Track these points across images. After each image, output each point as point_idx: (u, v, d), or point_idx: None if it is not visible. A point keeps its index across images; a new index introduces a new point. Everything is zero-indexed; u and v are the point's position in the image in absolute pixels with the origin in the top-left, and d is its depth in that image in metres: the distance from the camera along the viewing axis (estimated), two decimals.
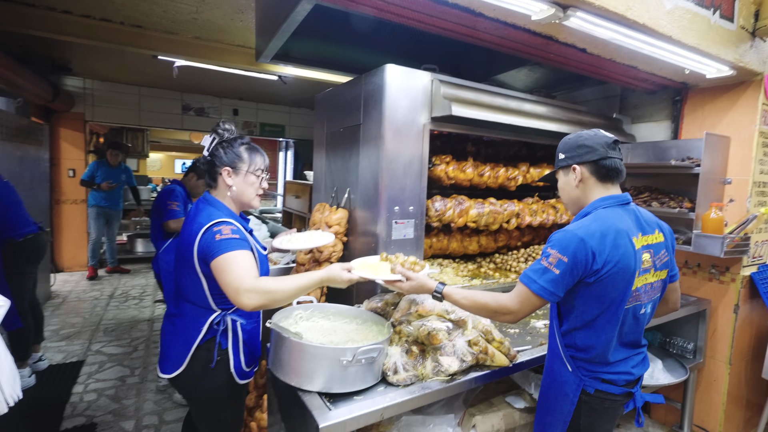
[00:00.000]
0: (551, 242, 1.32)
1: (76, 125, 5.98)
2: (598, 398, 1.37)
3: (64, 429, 2.56)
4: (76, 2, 3.23)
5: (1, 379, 1.14)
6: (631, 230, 1.33)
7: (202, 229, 1.44)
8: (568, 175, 1.45)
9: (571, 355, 1.40)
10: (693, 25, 1.96)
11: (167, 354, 1.54)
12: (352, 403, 1.33)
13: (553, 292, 1.28)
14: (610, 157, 1.36)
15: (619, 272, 1.28)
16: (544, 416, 1.48)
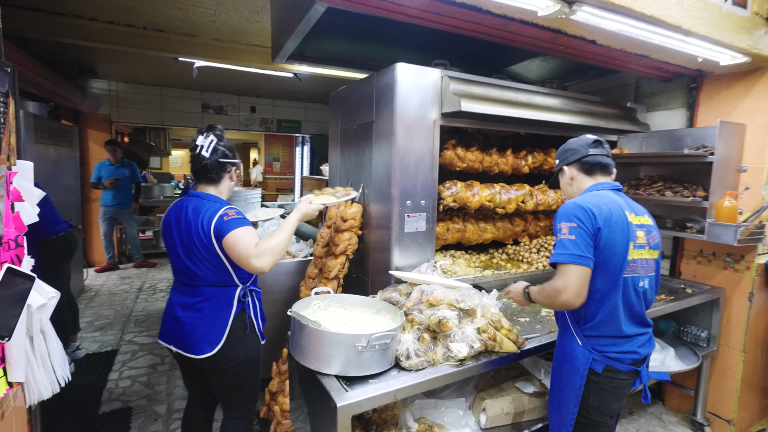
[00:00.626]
0: (557, 219, 1.50)
1: (103, 126, 6.23)
2: (606, 377, 1.47)
3: (102, 412, 2.75)
4: (102, 10, 3.38)
5: (53, 361, 1.28)
6: (624, 206, 1.52)
7: (214, 220, 1.62)
8: (563, 176, 1.71)
9: (581, 328, 1.51)
10: (704, 14, 1.96)
11: (202, 337, 1.68)
12: (367, 385, 1.42)
13: (580, 255, 1.39)
14: (590, 154, 1.60)
15: (616, 237, 1.43)
16: (558, 393, 1.57)
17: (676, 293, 2.51)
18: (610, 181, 1.62)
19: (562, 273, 1.42)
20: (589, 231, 1.41)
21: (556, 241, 1.46)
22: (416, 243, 2.18)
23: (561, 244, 1.43)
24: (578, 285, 1.39)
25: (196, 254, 1.67)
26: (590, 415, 1.51)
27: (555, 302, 1.46)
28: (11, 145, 1.05)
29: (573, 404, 1.51)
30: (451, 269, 2.41)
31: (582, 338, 1.50)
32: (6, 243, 1.03)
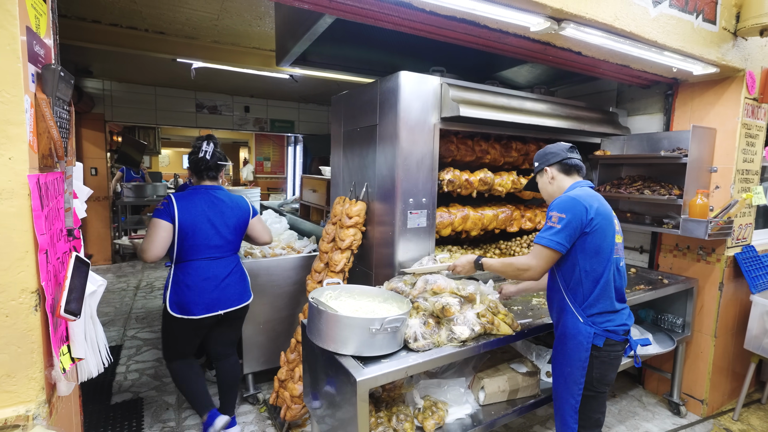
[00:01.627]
0: (552, 208, 1.71)
1: (97, 125, 6.25)
2: (605, 351, 1.70)
3: (114, 403, 2.86)
4: (105, 12, 3.46)
5: (99, 344, 1.41)
6: (603, 200, 1.76)
7: (250, 204, 2.44)
8: (543, 176, 1.91)
9: (582, 307, 1.71)
10: (677, 30, 2.17)
11: (244, 290, 2.39)
12: (380, 364, 1.59)
13: (558, 242, 1.64)
14: (569, 157, 1.83)
15: (606, 223, 1.67)
16: (564, 368, 1.76)
17: (654, 284, 2.73)
18: (586, 180, 1.86)
19: (536, 253, 1.68)
20: (577, 224, 1.64)
21: (545, 225, 1.70)
22: (418, 238, 2.34)
23: (547, 228, 1.68)
24: (544, 265, 1.68)
25: (239, 229, 2.35)
26: (594, 387, 1.72)
27: (520, 275, 1.74)
28: (73, 148, 1.18)
29: (579, 375, 1.71)
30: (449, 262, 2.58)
31: (584, 317, 1.71)
32: (73, 233, 1.16)
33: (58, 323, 1.08)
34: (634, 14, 1.97)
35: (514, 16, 1.78)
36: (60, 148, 1.03)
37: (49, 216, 1.03)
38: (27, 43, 0.94)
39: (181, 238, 2.14)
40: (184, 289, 2.15)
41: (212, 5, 3.25)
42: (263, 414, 2.77)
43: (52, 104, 1.01)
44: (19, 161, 0.91)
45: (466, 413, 1.91)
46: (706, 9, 2.29)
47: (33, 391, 0.97)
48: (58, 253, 1.12)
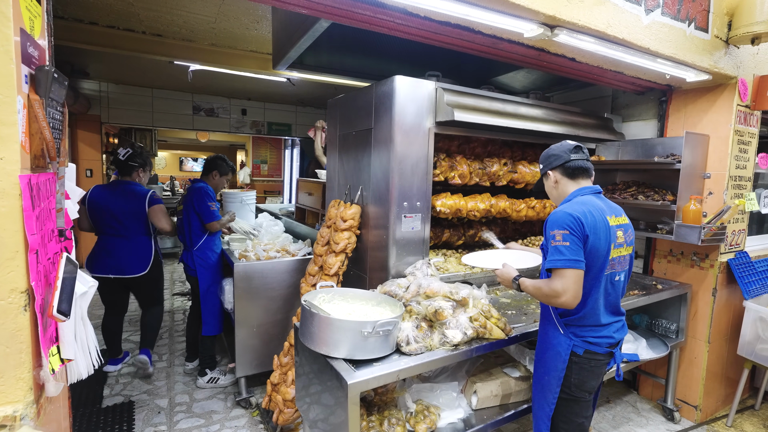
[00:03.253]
0: (548, 227, 1.63)
1: (93, 127, 6.23)
2: (586, 359, 1.67)
3: (105, 406, 2.84)
4: (102, 14, 3.46)
5: (90, 345, 1.40)
6: (605, 211, 1.68)
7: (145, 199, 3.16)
8: (547, 180, 1.83)
9: (565, 321, 1.69)
10: (669, 37, 2.19)
11: (140, 265, 3.16)
12: (372, 367, 1.58)
13: (576, 260, 1.53)
14: (572, 159, 1.73)
15: (600, 242, 1.59)
16: (542, 377, 1.75)
17: (648, 289, 2.74)
18: (591, 184, 1.77)
19: (561, 277, 1.53)
20: (580, 237, 1.55)
21: (551, 247, 1.58)
22: (412, 242, 2.35)
23: (557, 250, 1.55)
24: (576, 288, 1.53)
25: (135, 215, 3.17)
26: (572, 391, 1.70)
27: (552, 302, 1.58)
28: (65, 149, 1.18)
29: (555, 385, 1.70)
30: (444, 266, 2.59)
31: (563, 327, 1.69)
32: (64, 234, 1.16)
33: (47, 324, 1.08)
34: (627, 21, 2.00)
35: (507, 22, 1.79)
36: (52, 149, 1.03)
37: (40, 216, 1.03)
38: (21, 45, 0.94)
39: (91, 218, 3.10)
40: (91, 253, 3.12)
41: (209, 8, 3.27)
42: (255, 418, 2.76)
43: (45, 105, 1.01)
44: (10, 161, 0.91)
45: (459, 418, 1.91)
46: (698, 17, 2.32)
47: (21, 392, 0.97)
48: (49, 254, 1.12)
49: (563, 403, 1.71)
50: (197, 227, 3.08)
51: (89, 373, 1.43)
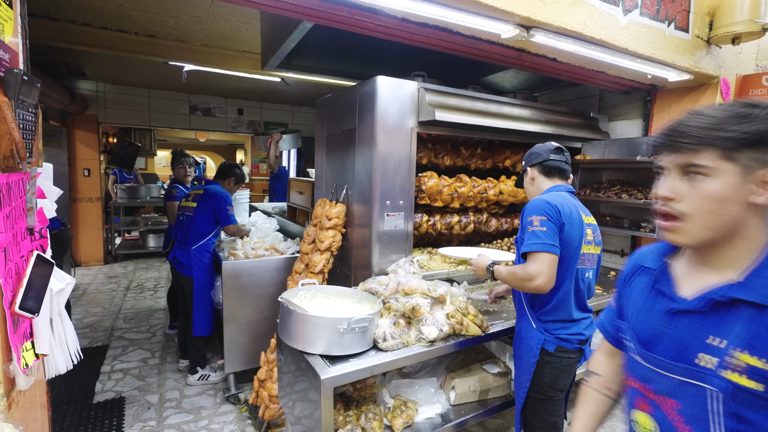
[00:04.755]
0: (526, 213, 1.66)
1: (90, 127, 6.28)
2: (557, 357, 1.69)
3: (96, 402, 2.88)
4: (94, 16, 3.50)
5: (68, 341, 1.44)
6: (577, 206, 1.74)
7: None
8: (525, 176, 1.90)
9: (538, 315, 1.72)
10: (648, 38, 2.21)
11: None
12: (347, 362, 1.62)
13: (552, 245, 1.56)
14: (551, 159, 1.79)
15: (574, 232, 1.64)
16: (517, 369, 1.79)
17: None
18: (567, 184, 1.83)
19: (536, 260, 1.55)
20: (557, 224, 1.59)
21: (527, 233, 1.61)
22: (395, 240, 2.38)
23: (534, 234, 1.58)
24: (550, 272, 1.55)
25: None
26: (544, 391, 1.71)
27: (526, 286, 1.59)
28: (39, 149, 1.22)
29: (525, 379, 1.73)
30: (428, 264, 2.62)
31: (536, 322, 1.72)
32: (35, 234, 1.19)
33: (20, 320, 1.11)
34: (604, 22, 2.02)
35: (483, 24, 1.82)
36: (22, 150, 1.07)
37: (10, 215, 1.06)
38: None
39: None
40: None
41: (200, 10, 3.30)
42: (244, 414, 2.80)
43: (14, 107, 1.04)
44: None
45: (436, 413, 1.94)
46: (678, 17, 2.33)
47: None
48: (22, 252, 1.15)
49: (536, 402, 1.73)
50: (203, 227, 3.10)
51: (68, 368, 1.46)
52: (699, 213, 0.78)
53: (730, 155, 0.75)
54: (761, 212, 0.77)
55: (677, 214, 0.80)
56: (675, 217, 0.81)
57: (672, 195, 0.81)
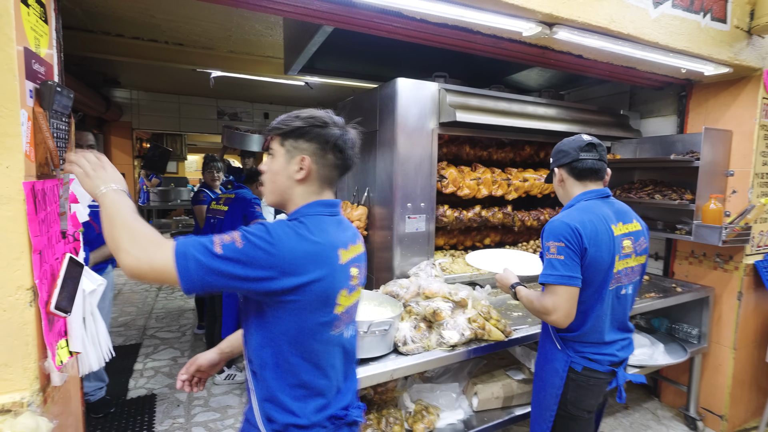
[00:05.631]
0: (545, 237, 1.52)
1: (125, 133, 6.57)
2: (584, 376, 1.54)
3: (129, 398, 2.99)
4: (127, 27, 3.66)
5: (101, 339, 1.50)
6: (610, 218, 1.53)
7: None
8: (554, 177, 1.69)
9: (561, 336, 1.58)
10: (681, 30, 2.11)
11: None
12: (367, 366, 1.61)
13: (570, 276, 1.42)
14: (581, 159, 1.56)
15: (602, 254, 1.46)
16: (539, 393, 1.66)
17: (666, 292, 2.64)
18: (601, 187, 1.61)
19: (552, 293, 1.44)
20: (577, 251, 1.44)
21: (545, 260, 1.49)
22: (416, 242, 2.36)
23: (550, 264, 1.45)
24: (568, 306, 1.42)
25: None
26: (567, 409, 1.57)
27: (543, 318, 1.50)
28: None
29: (552, 402, 1.58)
30: (450, 267, 2.59)
31: (561, 343, 1.57)
32: (68, 237, 1.25)
33: (55, 319, 1.16)
34: (633, 16, 1.94)
35: (504, 22, 1.78)
36: (56, 157, 1.12)
37: (45, 219, 1.12)
38: (25, 62, 1.03)
39: None
40: None
41: (226, 17, 3.38)
42: None
43: (48, 117, 1.10)
44: (15, 169, 1.00)
45: (459, 419, 1.91)
46: (714, 8, 2.22)
47: (27, 381, 1.05)
48: (56, 254, 1.21)
49: (560, 420, 1.60)
50: (233, 230, 3.20)
51: (101, 365, 1.52)
52: (267, 180, 1.13)
53: (283, 141, 1.10)
54: (302, 185, 1.09)
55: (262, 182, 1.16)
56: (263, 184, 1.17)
57: (264, 168, 1.14)
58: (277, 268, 0.94)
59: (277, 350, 1.01)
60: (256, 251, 0.93)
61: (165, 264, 0.89)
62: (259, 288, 0.94)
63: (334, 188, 1.18)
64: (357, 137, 1.18)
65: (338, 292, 1.04)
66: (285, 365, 1.01)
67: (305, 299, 0.98)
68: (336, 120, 1.13)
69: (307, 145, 1.08)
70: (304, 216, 1.06)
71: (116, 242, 0.92)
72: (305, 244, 0.99)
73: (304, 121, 1.08)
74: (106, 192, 0.99)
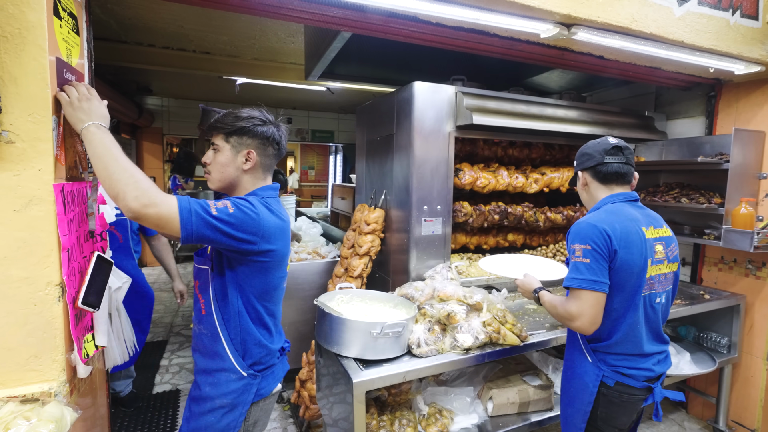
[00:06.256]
0: (570, 239, 1.47)
1: (156, 138, 6.83)
2: (617, 391, 1.45)
3: (155, 392, 3.10)
4: (158, 37, 3.82)
5: (125, 335, 1.57)
6: (640, 221, 1.47)
7: None
8: (578, 180, 1.65)
9: (593, 347, 1.50)
10: (708, 28, 2.04)
11: None
12: (380, 367, 1.62)
13: (596, 281, 1.36)
14: (606, 162, 1.51)
15: (633, 257, 1.40)
16: (566, 408, 1.58)
17: (694, 299, 2.54)
18: (628, 191, 1.56)
19: (577, 298, 1.39)
20: (605, 254, 1.38)
21: (571, 263, 1.43)
22: (432, 245, 2.36)
23: (575, 267, 1.40)
24: (593, 312, 1.37)
25: None
26: (598, 426, 1.49)
27: (567, 325, 1.45)
28: None
29: (580, 420, 1.50)
30: (467, 271, 2.57)
31: (592, 354, 1.49)
32: (95, 236, 1.32)
33: (82, 314, 1.23)
34: (655, 15, 1.89)
35: (520, 24, 1.77)
36: (84, 161, 1.19)
37: (74, 219, 1.19)
38: (57, 71, 1.10)
39: None
40: None
41: (250, 26, 3.49)
42: (286, 412, 2.89)
43: None
44: (46, 172, 1.07)
45: (473, 423, 1.89)
46: (745, 4, 2.13)
47: (55, 372, 1.12)
48: (84, 253, 1.28)
49: None
50: None
51: (124, 359, 1.60)
52: (214, 171, 1.32)
53: (227, 138, 1.30)
54: (248, 173, 1.33)
55: (208, 171, 1.33)
56: (209, 173, 1.33)
57: (207, 160, 1.32)
58: (259, 234, 1.20)
59: (246, 299, 1.28)
60: (245, 217, 1.17)
61: (170, 213, 1.07)
62: (241, 247, 1.19)
63: (272, 174, 1.41)
64: (287, 130, 1.42)
65: (288, 255, 1.37)
66: (253, 312, 1.30)
67: (273, 260, 1.28)
68: (270, 118, 1.36)
69: (251, 141, 1.30)
70: (265, 198, 1.30)
71: (120, 185, 1.04)
72: (276, 219, 1.27)
73: (246, 121, 1.29)
74: (88, 127, 1.07)
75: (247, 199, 1.23)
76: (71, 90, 1.10)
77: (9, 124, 1.02)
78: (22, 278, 1.07)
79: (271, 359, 1.38)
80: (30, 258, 1.06)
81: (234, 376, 1.30)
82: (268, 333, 1.36)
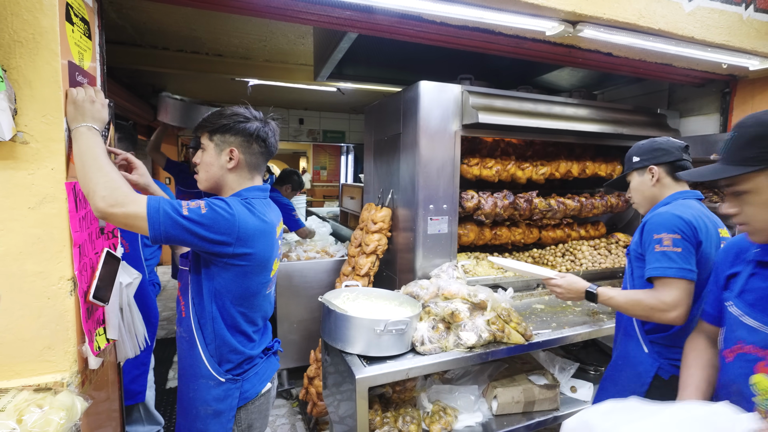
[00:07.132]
0: (652, 229, 1.41)
1: (170, 139, 6.97)
2: (671, 386, 1.37)
3: (168, 387, 3.18)
4: (172, 40, 3.91)
5: (137, 330, 1.62)
6: (714, 219, 1.48)
7: None
8: (643, 175, 1.59)
9: (651, 338, 1.48)
10: (720, 24, 2.00)
11: None
12: (384, 363, 1.64)
13: (690, 269, 1.33)
14: (684, 159, 1.54)
15: (711, 251, 1.38)
16: (613, 397, 1.47)
17: None
18: (690, 190, 1.55)
19: (671, 287, 1.33)
20: (693, 244, 1.36)
21: (656, 252, 1.38)
22: (439, 244, 2.37)
23: (666, 256, 1.35)
24: (689, 302, 1.32)
25: None
26: None
27: (657, 317, 1.36)
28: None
29: None
30: (474, 269, 2.57)
31: (649, 345, 1.47)
32: (106, 234, 1.37)
33: (93, 308, 1.28)
34: (664, 10, 1.86)
35: (525, 22, 1.77)
36: None
37: (86, 217, 1.23)
38: (69, 75, 1.15)
39: None
40: None
41: (261, 28, 3.54)
42: (295, 408, 2.93)
43: None
44: (59, 171, 1.11)
45: (477, 421, 1.89)
46: None
47: (67, 363, 1.16)
48: (96, 249, 1.33)
49: None
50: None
51: (135, 353, 1.64)
52: (201, 170, 1.31)
53: (211, 137, 1.28)
54: (233, 173, 1.29)
55: (197, 171, 1.32)
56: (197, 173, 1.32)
57: (197, 160, 1.31)
58: (233, 235, 1.16)
59: (221, 304, 1.24)
60: (217, 217, 1.14)
61: (137, 213, 1.07)
62: (214, 249, 1.16)
63: (262, 173, 1.38)
64: (277, 127, 1.39)
65: (273, 260, 1.31)
66: (229, 318, 1.26)
67: (251, 264, 1.23)
68: (255, 114, 1.35)
69: (234, 138, 1.28)
70: (248, 198, 1.26)
71: (91, 184, 1.06)
72: (256, 221, 1.22)
73: (228, 118, 1.29)
74: (79, 128, 1.11)
75: (224, 199, 1.19)
76: (78, 90, 1.13)
77: (24, 125, 1.07)
78: (37, 272, 1.11)
79: (251, 363, 1.33)
80: (44, 253, 1.11)
81: (212, 383, 1.26)
82: (246, 339, 1.30)
